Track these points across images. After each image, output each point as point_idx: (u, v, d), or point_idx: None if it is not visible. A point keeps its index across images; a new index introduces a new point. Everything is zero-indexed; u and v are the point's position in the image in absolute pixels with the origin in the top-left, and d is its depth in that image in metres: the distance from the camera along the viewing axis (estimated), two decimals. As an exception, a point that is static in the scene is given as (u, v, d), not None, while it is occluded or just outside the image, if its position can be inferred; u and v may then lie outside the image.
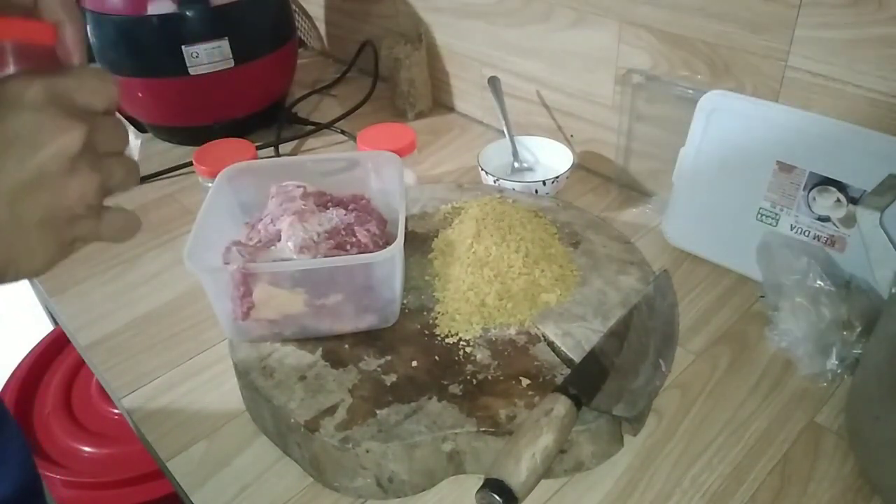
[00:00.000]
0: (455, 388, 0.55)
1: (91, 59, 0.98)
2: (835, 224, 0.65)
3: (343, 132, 1.03)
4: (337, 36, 1.28)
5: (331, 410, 0.54)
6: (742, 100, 0.68)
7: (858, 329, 0.58)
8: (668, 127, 0.79)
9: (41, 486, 0.60)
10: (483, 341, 0.59)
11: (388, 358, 0.58)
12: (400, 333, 0.60)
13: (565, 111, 0.91)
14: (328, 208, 0.63)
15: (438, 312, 0.62)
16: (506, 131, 0.90)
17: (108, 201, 0.38)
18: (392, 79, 1.06)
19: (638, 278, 0.65)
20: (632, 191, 0.87)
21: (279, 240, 0.58)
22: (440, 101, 1.10)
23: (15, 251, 0.33)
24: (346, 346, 0.59)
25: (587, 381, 0.53)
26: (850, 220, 0.63)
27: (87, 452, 1.05)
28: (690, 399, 0.60)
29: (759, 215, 0.69)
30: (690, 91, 0.73)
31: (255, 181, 0.66)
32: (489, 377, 0.56)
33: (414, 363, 0.57)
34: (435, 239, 0.70)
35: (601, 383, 0.53)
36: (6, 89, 0.33)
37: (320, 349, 0.59)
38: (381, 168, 0.67)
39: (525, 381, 0.56)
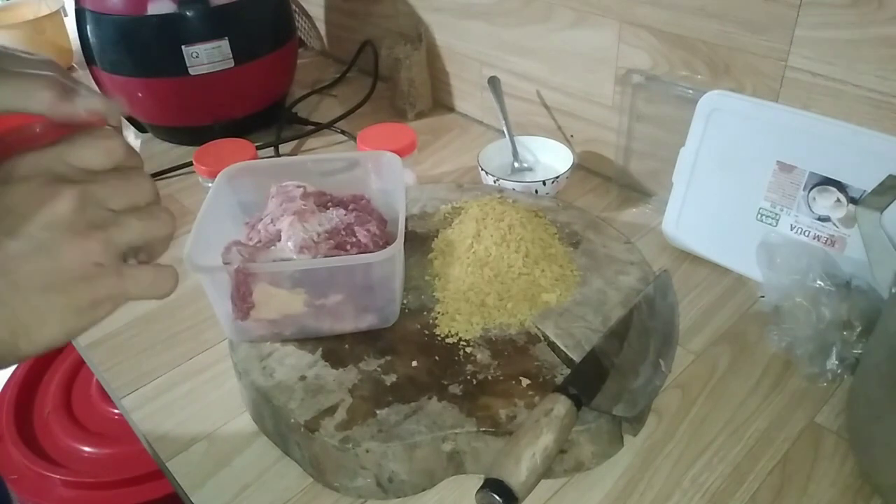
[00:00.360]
0: (455, 388, 0.55)
1: (91, 62, 0.98)
2: (835, 224, 0.65)
3: (343, 132, 1.03)
4: (337, 36, 1.28)
5: (331, 410, 0.54)
6: (742, 100, 0.68)
7: (858, 329, 0.58)
8: (668, 127, 0.79)
9: None
10: (483, 341, 0.59)
11: (388, 358, 0.58)
12: (400, 333, 0.60)
13: (565, 111, 0.91)
14: (328, 208, 0.63)
15: (438, 312, 0.62)
16: (506, 131, 0.90)
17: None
18: (392, 79, 1.06)
19: (638, 278, 0.65)
20: (632, 191, 0.87)
21: (279, 240, 0.58)
22: (440, 101, 1.10)
23: (22, 320, 0.33)
24: (346, 346, 0.59)
25: (587, 381, 0.53)
26: (850, 220, 0.63)
27: (87, 452, 1.05)
28: (690, 399, 0.60)
29: (759, 215, 0.69)
30: (690, 91, 0.73)
31: (255, 181, 0.66)
32: (489, 377, 0.56)
33: (414, 363, 0.57)
34: (435, 239, 0.70)
35: (601, 383, 0.53)
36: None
37: (320, 349, 0.59)
38: (381, 168, 0.67)
39: (525, 381, 0.56)
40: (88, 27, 0.94)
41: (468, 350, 0.58)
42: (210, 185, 0.77)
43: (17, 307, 0.33)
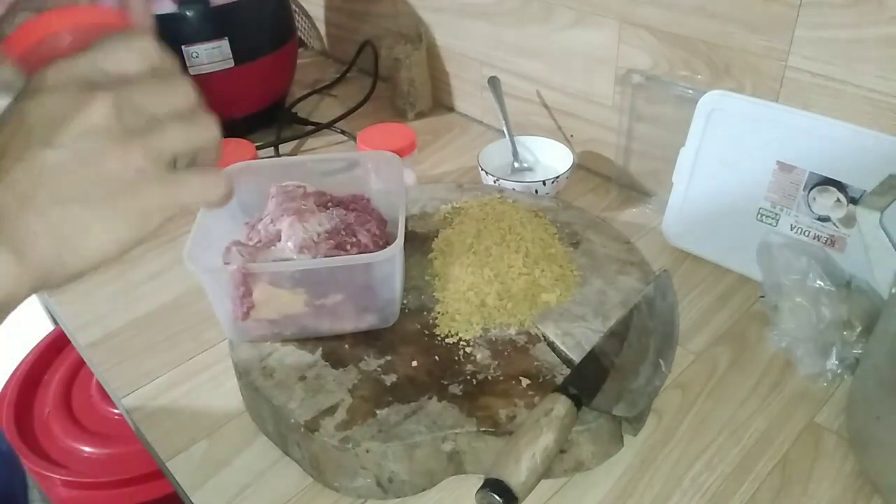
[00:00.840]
0: (455, 388, 0.55)
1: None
2: (835, 224, 0.65)
3: (343, 132, 1.03)
4: (337, 36, 1.28)
5: (331, 410, 0.54)
6: (742, 100, 0.68)
7: (858, 329, 0.58)
8: (668, 127, 0.78)
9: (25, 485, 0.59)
10: (483, 341, 0.59)
11: (388, 358, 0.58)
12: (400, 333, 0.60)
13: (565, 111, 0.91)
14: (328, 208, 0.63)
15: (438, 312, 0.62)
16: (506, 131, 0.90)
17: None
18: (392, 79, 1.06)
19: (638, 278, 0.65)
20: (632, 191, 0.87)
21: (279, 240, 0.58)
22: (440, 101, 1.10)
23: (66, 233, 0.32)
24: (346, 346, 0.59)
25: (587, 381, 0.53)
26: (850, 220, 0.63)
27: (87, 452, 1.05)
28: (690, 399, 0.60)
29: (759, 215, 0.69)
30: (690, 91, 0.73)
31: (255, 181, 0.66)
32: (489, 377, 0.56)
33: (414, 363, 0.57)
34: (435, 239, 0.70)
35: (601, 383, 0.53)
36: (30, 81, 0.32)
37: (320, 349, 0.59)
38: (381, 168, 0.67)
39: (525, 381, 0.56)
40: (88, 27, 0.94)
41: (468, 350, 0.58)
42: (210, 185, 0.76)
43: (59, 219, 0.31)
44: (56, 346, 1.22)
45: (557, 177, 0.81)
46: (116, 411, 1.09)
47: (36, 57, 0.38)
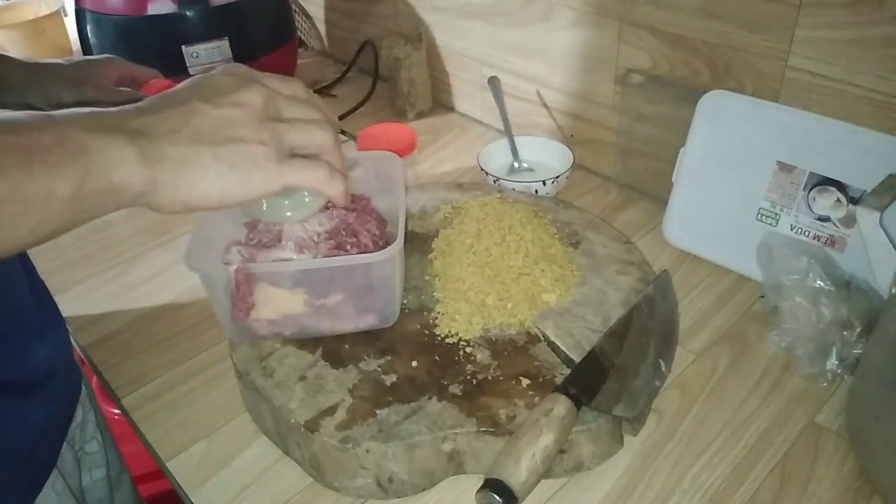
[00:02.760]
0: (455, 388, 0.55)
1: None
2: (835, 224, 0.65)
3: (343, 132, 1.03)
4: (337, 36, 1.28)
5: (331, 410, 0.54)
6: (742, 100, 0.68)
7: (858, 329, 0.58)
8: (668, 127, 0.79)
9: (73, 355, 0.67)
10: (483, 341, 0.59)
11: (388, 358, 0.58)
12: (400, 333, 0.60)
13: (565, 111, 0.91)
14: (328, 208, 0.63)
15: (438, 312, 0.62)
16: (506, 131, 0.90)
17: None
18: (392, 79, 1.06)
19: (638, 278, 0.65)
20: (632, 191, 0.87)
21: (279, 240, 0.58)
22: (440, 101, 1.10)
23: (188, 167, 0.39)
24: (346, 346, 0.59)
25: (587, 381, 0.53)
26: (850, 220, 0.63)
27: (87, 452, 1.05)
28: (690, 399, 0.60)
29: (759, 215, 0.69)
30: (690, 91, 0.73)
31: (255, 181, 0.65)
32: (489, 377, 0.56)
33: (414, 363, 0.57)
34: (435, 239, 0.70)
35: (601, 383, 0.53)
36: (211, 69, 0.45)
37: (320, 349, 0.59)
38: (381, 168, 0.67)
39: (525, 381, 0.56)
40: (88, 27, 0.94)
41: (468, 350, 0.58)
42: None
43: (189, 155, 0.39)
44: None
45: (557, 177, 0.81)
46: (116, 411, 1.09)
47: None
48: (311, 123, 0.44)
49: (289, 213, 0.52)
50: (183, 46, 0.90)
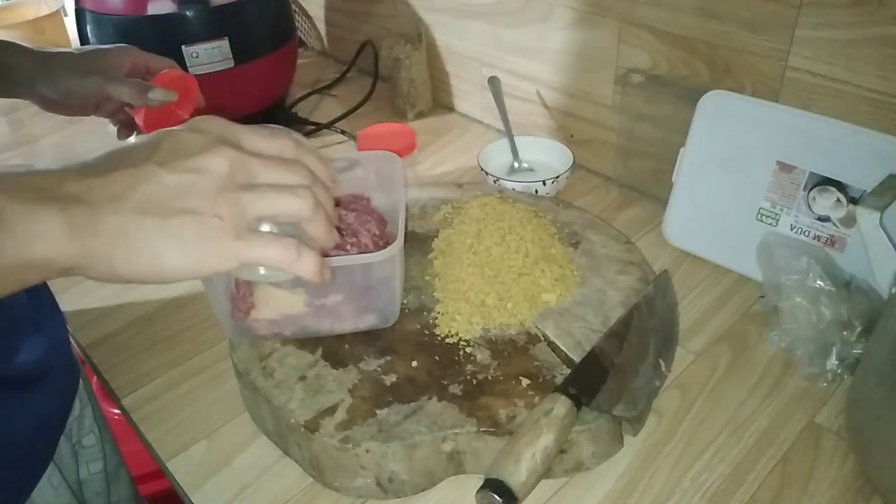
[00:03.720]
0: (455, 388, 0.55)
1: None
2: (835, 224, 0.65)
3: (343, 132, 1.03)
4: (337, 36, 1.28)
5: (331, 410, 0.54)
6: (742, 100, 0.68)
7: (858, 329, 0.58)
8: (668, 127, 0.79)
9: (70, 349, 0.66)
10: (483, 341, 0.59)
11: (388, 358, 0.58)
12: (400, 333, 0.60)
13: (565, 111, 0.91)
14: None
15: (438, 312, 0.62)
16: (506, 131, 0.90)
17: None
18: (392, 79, 1.06)
19: (638, 278, 0.65)
20: (632, 191, 0.87)
21: (279, 240, 0.58)
22: (440, 101, 1.10)
23: (128, 241, 0.35)
24: (346, 346, 0.59)
25: (587, 381, 0.53)
26: (850, 220, 0.63)
27: (87, 452, 1.05)
28: (690, 399, 0.60)
29: (759, 215, 0.69)
30: (690, 91, 0.73)
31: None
32: (489, 377, 0.56)
33: (414, 363, 0.57)
34: (435, 239, 0.70)
35: (601, 383, 0.53)
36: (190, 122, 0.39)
37: (320, 349, 0.59)
38: (381, 168, 0.67)
39: (525, 381, 0.56)
40: (88, 27, 0.94)
41: (468, 350, 0.58)
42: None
43: (131, 227, 0.35)
44: (56, 346, 1.22)
45: (557, 177, 0.81)
46: (116, 411, 1.09)
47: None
48: (284, 191, 0.38)
49: (262, 272, 0.43)
50: (183, 46, 0.90)
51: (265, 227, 0.39)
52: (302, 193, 0.38)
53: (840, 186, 0.63)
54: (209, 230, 0.36)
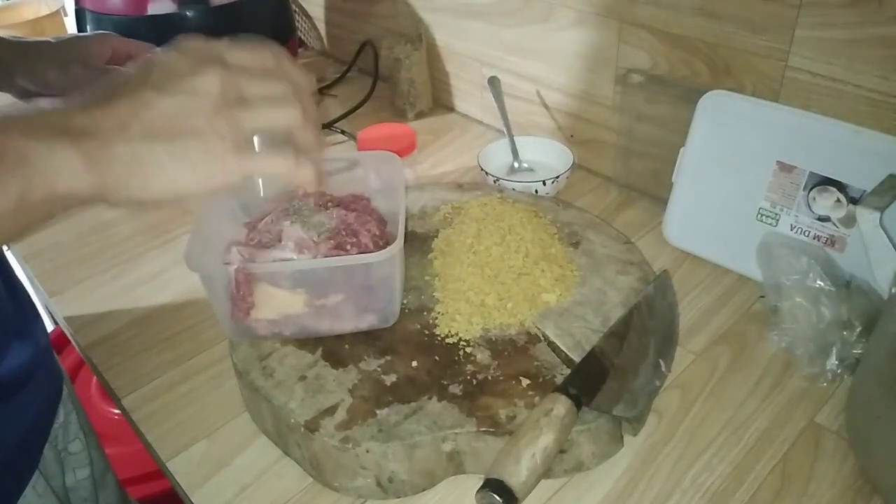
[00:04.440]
0: (455, 388, 0.55)
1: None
2: (835, 224, 0.65)
3: (343, 132, 1.03)
4: (337, 36, 1.28)
5: (331, 410, 0.54)
6: (742, 100, 0.68)
7: (858, 329, 0.58)
8: (668, 127, 0.79)
9: (53, 357, 0.65)
10: (483, 341, 0.59)
11: (388, 358, 0.58)
12: (400, 333, 0.60)
13: (565, 111, 0.91)
14: (328, 208, 0.63)
15: (438, 312, 0.62)
16: (506, 131, 0.90)
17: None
18: (392, 79, 1.06)
19: (638, 278, 0.65)
20: (632, 191, 0.87)
21: (279, 240, 0.58)
22: (440, 101, 1.10)
23: (141, 164, 0.37)
24: (346, 346, 0.59)
25: (587, 381, 0.53)
26: (850, 220, 0.63)
27: (87, 452, 1.05)
28: (690, 399, 0.60)
29: (759, 215, 0.69)
30: (690, 91, 0.73)
31: (255, 181, 0.65)
32: (489, 377, 0.56)
33: (414, 363, 0.57)
34: (435, 239, 0.70)
35: (601, 383, 0.53)
36: (169, 44, 0.40)
37: (320, 349, 0.59)
38: (381, 168, 0.67)
39: (525, 381, 0.56)
40: (88, 27, 0.94)
41: (468, 350, 0.58)
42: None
43: (141, 151, 0.37)
44: (56, 346, 1.22)
45: (557, 177, 0.81)
46: (116, 411, 1.09)
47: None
48: (274, 103, 0.40)
49: (262, 193, 0.46)
50: (183, 46, 0.90)
51: (256, 141, 0.41)
52: (290, 103, 0.40)
53: (840, 186, 0.63)
54: (213, 147, 0.38)
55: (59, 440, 0.66)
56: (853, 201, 0.63)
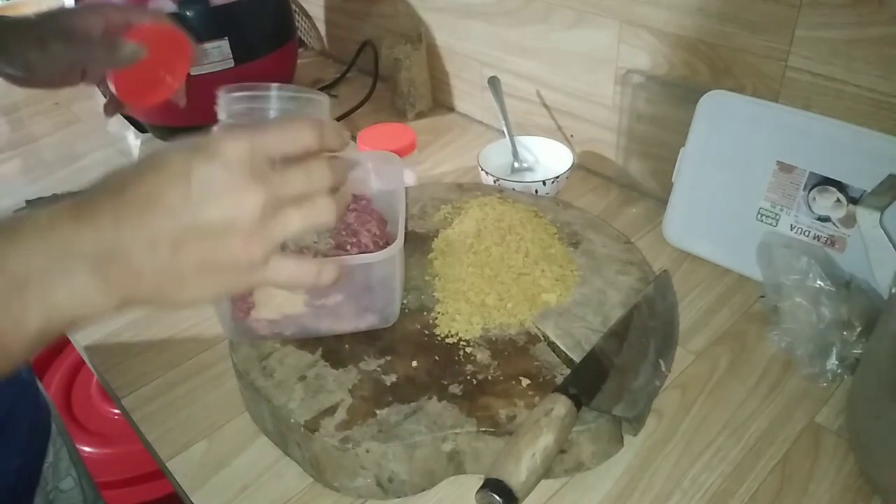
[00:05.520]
0: (455, 388, 0.55)
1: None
2: (835, 224, 0.65)
3: (343, 132, 1.03)
4: (337, 36, 1.28)
5: (331, 410, 0.54)
6: (742, 100, 0.68)
7: (858, 329, 0.58)
8: (668, 127, 0.79)
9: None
10: (483, 341, 0.59)
11: (388, 358, 0.58)
12: (400, 333, 0.60)
13: (565, 111, 0.91)
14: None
15: (438, 312, 0.62)
16: (506, 131, 0.90)
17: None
18: (392, 79, 1.06)
19: (638, 278, 0.65)
20: (632, 191, 0.87)
21: (279, 240, 0.58)
22: (440, 101, 1.10)
23: (166, 285, 0.35)
24: (346, 346, 0.59)
25: (587, 381, 0.53)
26: (850, 220, 0.63)
27: (87, 452, 1.05)
28: (690, 399, 0.60)
29: (759, 215, 0.69)
30: (690, 91, 0.73)
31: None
32: (489, 377, 0.56)
33: (414, 363, 0.57)
34: (435, 239, 0.70)
35: (601, 383, 0.53)
36: (212, 141, 0.35)
37: (320, 349, 0.59)
38: (381, 168, 0.67)
39: (525, 381, 0.56)
40: (88, 27, 0.94)
41: (468, 350, 0.58)
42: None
43: (168, 273, 0.35)
44: (56, 346, 1.22)
45: (557, 177, 0.81)
46: (116, 411, 1.09)
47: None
48: (307, 208, 0.37)
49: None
50: (183, 46, 0.90)
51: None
52: (324, 204, 0.38)
53: (840, 186, 0.63)
54: (243, 269, 0.36)
55: (49, 480, 0.64)
56: (853, 201, 0.63)
